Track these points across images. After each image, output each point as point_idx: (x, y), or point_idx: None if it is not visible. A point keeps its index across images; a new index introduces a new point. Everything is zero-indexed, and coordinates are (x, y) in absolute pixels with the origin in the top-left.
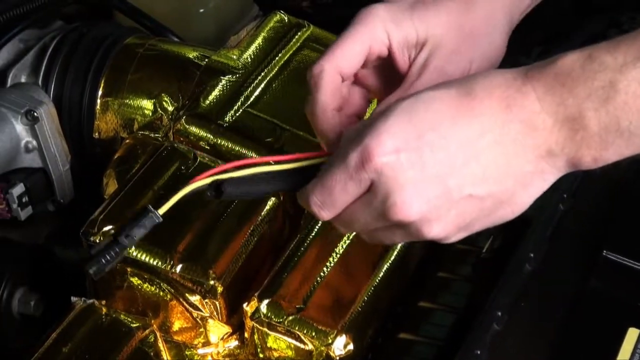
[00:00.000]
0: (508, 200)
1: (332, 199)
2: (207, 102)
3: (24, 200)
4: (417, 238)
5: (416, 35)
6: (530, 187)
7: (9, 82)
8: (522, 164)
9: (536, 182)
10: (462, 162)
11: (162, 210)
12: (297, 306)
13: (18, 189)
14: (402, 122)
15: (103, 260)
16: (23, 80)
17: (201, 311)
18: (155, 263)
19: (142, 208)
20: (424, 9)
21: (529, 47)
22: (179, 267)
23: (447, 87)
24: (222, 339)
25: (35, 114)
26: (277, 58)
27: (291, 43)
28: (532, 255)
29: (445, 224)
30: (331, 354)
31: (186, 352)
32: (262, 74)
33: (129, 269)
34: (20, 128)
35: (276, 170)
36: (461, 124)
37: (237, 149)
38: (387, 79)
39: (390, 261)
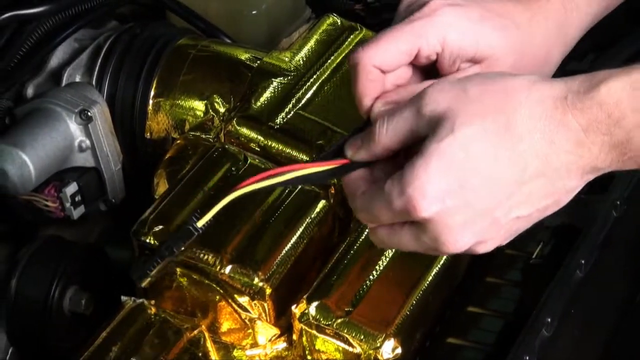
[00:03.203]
0: (553, 206)
1: (378, 222)
2: (259, 103)
3: (76, 199)
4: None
5: (475, 52)
6: (574, 192)
7: (64, 81)
8: (566, 183)
9: (580, 187)
10: (507, 195)
11: (202, 222)
12: (346, 309)
13: (71, 188)
14: (442, 170)
15: (147, 270)
16: (77, 79)
17: (249, 312)
18: (204, 264)
19: (184, 222)
20: (490, 28)
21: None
22: (228, 268)
23: (482, 120)
24: (270, 340)
25: (89, 113)
26: (329, 61)
27: (344, 46)
28: (582, 261)
29: (496, 240)
30: (379, 357)
31: (234, 353)
32: (314, 76)
33: (178, 270)
34: (74, 127)
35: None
36: (503, 164)
37: (287, 151)
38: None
39: (439, 265)
